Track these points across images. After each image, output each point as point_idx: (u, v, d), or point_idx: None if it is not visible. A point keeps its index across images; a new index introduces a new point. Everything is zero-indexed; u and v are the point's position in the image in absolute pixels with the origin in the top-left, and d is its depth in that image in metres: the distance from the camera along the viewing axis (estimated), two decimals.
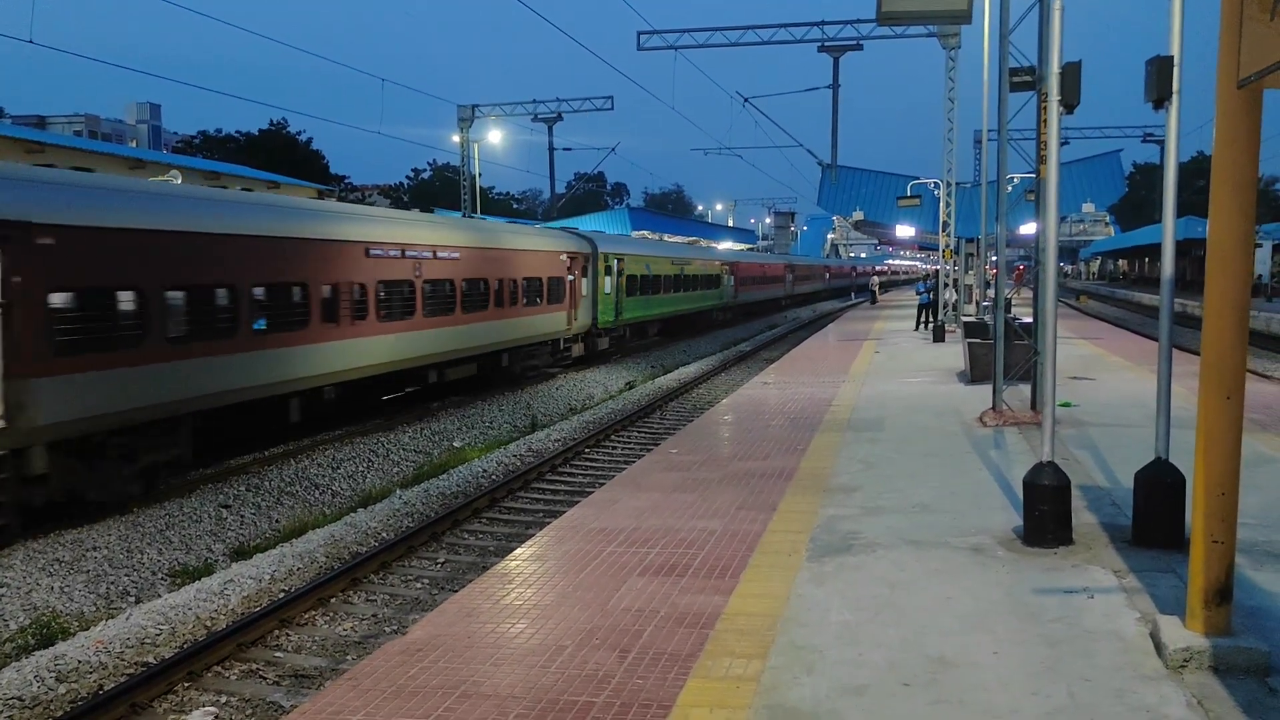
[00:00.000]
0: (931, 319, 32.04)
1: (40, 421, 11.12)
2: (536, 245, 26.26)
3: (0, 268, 10.67)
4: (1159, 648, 5.66)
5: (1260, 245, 48.74)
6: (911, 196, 38.06)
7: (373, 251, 18.10)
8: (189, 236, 13.57)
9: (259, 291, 14.98)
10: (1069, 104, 8.26)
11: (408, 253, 19.28)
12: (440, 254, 20.60)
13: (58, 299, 11.45)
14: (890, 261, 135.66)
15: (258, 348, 14.91)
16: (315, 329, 16.33)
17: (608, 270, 31.14)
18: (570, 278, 28.07)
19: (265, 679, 8.03)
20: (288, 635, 8.91)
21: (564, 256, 27.78)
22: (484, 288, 22.61)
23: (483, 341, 22.62)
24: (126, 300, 12.48)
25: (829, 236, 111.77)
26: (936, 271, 35.34)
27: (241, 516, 13.04)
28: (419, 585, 10.39)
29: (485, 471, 15.42)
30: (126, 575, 10.74)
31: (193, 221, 13.75)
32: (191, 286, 13.62)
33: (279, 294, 15.48)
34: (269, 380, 15.30)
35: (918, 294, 36.03)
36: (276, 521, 13.08)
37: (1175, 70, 7.32)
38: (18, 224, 10.79)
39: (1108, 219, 68.53)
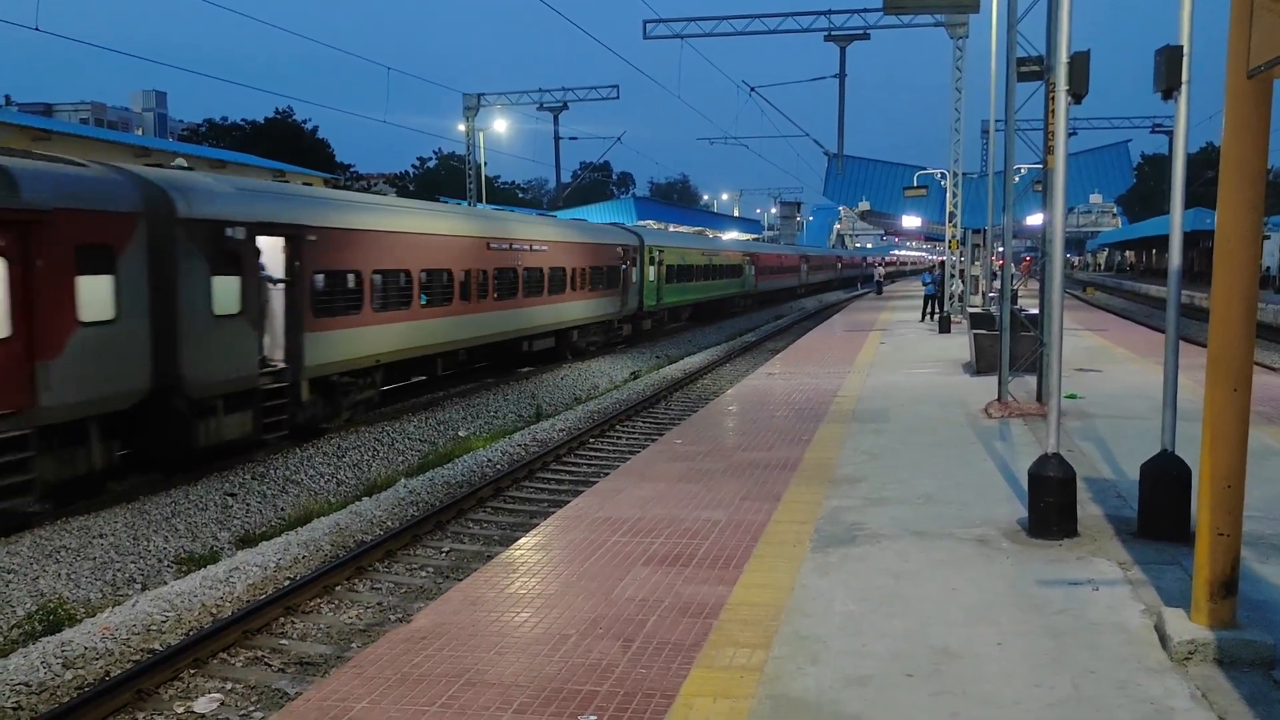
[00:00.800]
0: (937, 310, 32.00)
1: (306, 364, 15.76)
2: (600, 239, 30.90)
3: (286, 256, 15.29)
4: (1164, 640, 5.65)
5: (1269, 237, 48.56)
6: (918, 187, 37.97)
7: (491, 245, 22.90)
8: (385, 234, 18.28)
9: (423, 275, 19.69)
10: (1077, 94, 8.23)
11: (513, 245, 24.18)
12: (534, 247, 25.43)
13: (317, 279, 16.04)
14: (897, 252, 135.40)
15: (422, 318, 19.76)
16: (456, 304, 21.18)
17: (651, 260, 35.15)
18: (624, 266, 32.32)
19: (271, 666, 8.06)
20: (293, 623, 8.94)
21: (619, 248, 32.07)
22: (563, 275, 27.32)
23: (561, 319, 27.35)
24: (351, 280, 17.14)
25: (835, 227, 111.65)
26: (942, 263, 35.27)
27: (247, 505, 13.08)
28: (424, 574, 10.41)
29: (490, 461, 15.44)
30: (133, 562, 10.78)
31: (386, 223, 18.54)
32: (385, 271, 18.27)
33: (434, 277, 20.25)
34: (428, 343, 20.07)
35: (923, 284, 35.93)
36: (282, 510, 13.11)
37: (1185, 60, 7.27)
38: (298, 226, 15.46)
39: (1115, 210, 68.31)
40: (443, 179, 78.92)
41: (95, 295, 11.85)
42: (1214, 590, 5.55)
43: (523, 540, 8.23)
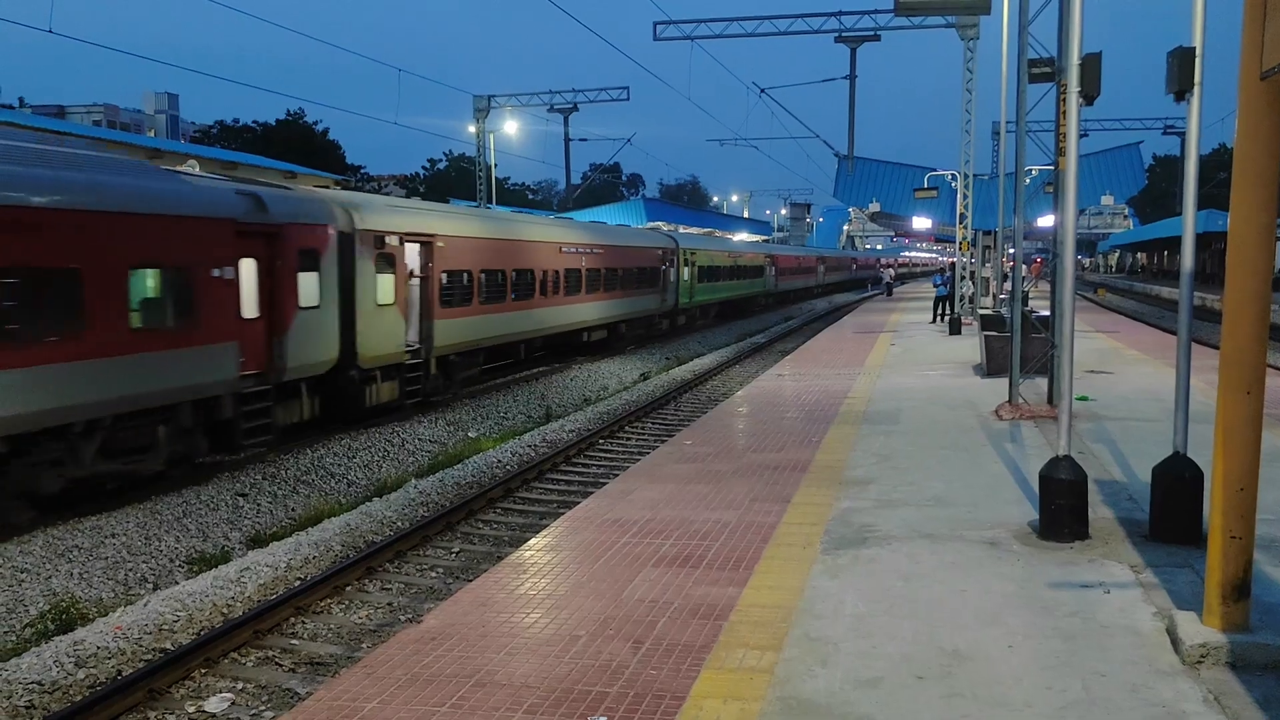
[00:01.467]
0: (948, 311, 31.94)
1: (435, 344, 19.69)
2: (644, 243, 35.23)
3: (421, 258, 19.24)
4: (1175, 643, 5.63)
5: None
6: (928, 188, 37.85)
7: (563, 249, 26.89)
8: (489, 240, 22.55)
9: (514, 274, 23.58)
10: (1089, 95, 8.18)
11: (578, 249, 28.14)
12: (594, 250, 29.33)
13: (443, 276, 19.88)
14: (907, 254, 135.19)
15: (514, 309, 23.67)
16: (537, 299, 25.03)
17: (685, 262, 38.95)
18: (664, 268, 36.30)
19: (281, 666, 8.09)
20: (304, 623, 8.97)
21: (659, 251, 36.12)
22: (616, 275, 31.16)
23: (614, 314, 31.23)
24: (465, 278, 21.06)
25: (845, 228, 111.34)
26: (952, 264, 35.23)
27: (258, 505, 13.13)
28: (434, 574, 10.43)
29: (500, 462, 15.46)
30: (144, 562, 10.83)
31: (490, 231, 22.89)
32: (489, 270, 22.22)
33: (522, 276, 24.14)
34: (518, 330, 24.12)
35: (935, 286, 35.91)
36: (293, 510, 13.16)
37: (1197, 62, 7.24)
38: (430, 234, 19.52)
39: (1126, 212, 68.03)
40: (453, 180, 78.94)
41: (308, 287, 15.63)
42: (1226, 593, 5.52)
43: (533, 541, 8.24)
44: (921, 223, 46.33)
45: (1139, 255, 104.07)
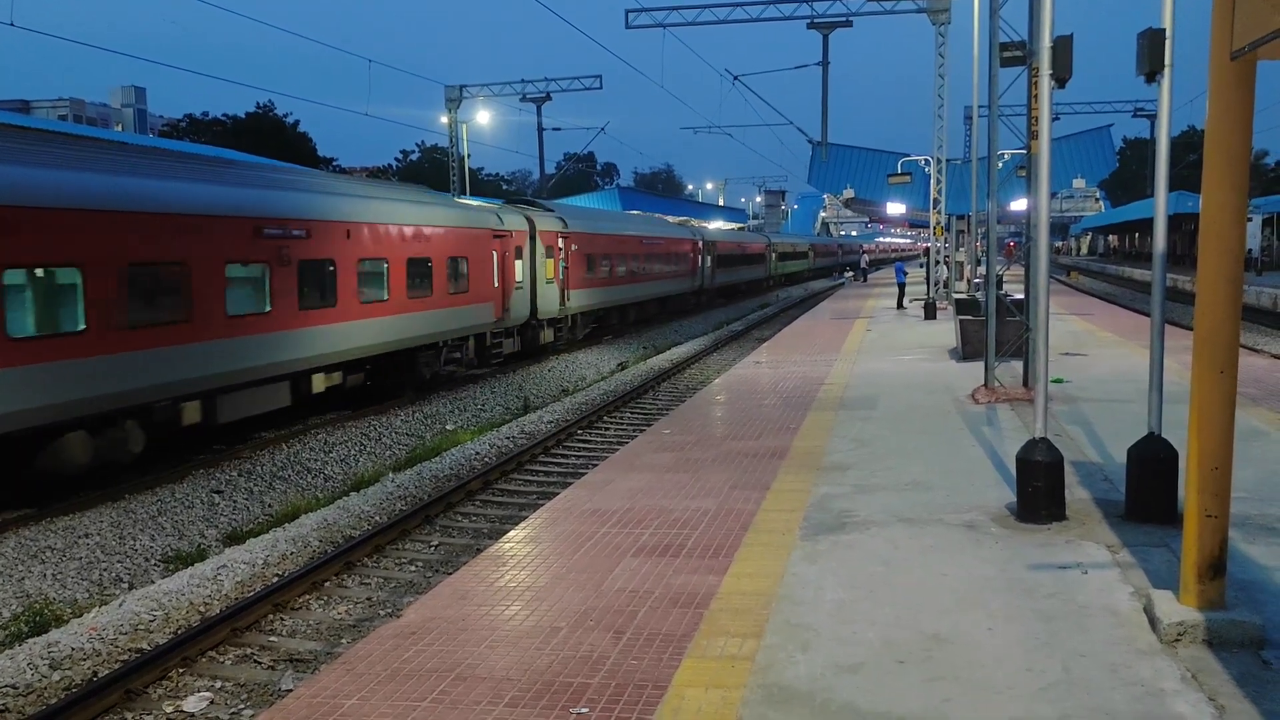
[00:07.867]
0: (901, 296, 34.94)
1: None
2: (757, 240, 62.42)
3: (710, 255, 48.97)
4: (1153, 622, 5.67)
5: (1251, 219, 48.74)
6: (902, 173, 38.03)
7: (741, 244, 57.99)
8: (722, 243, 52.44)
9: (724, 255, 51.98)
10: (1060, 78, 8.20)
11: (743, 244, 59.16)
12: (756, 244, 61.82)
13: (717, 258, 51.21)
14: (885, 239, 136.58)
15: (733, 270, 54.44)
16: (741, 269, 56.54)
17: (773, 250, 64.39)
18: (765, 254, 61.92)
19: (260, 663, 8.02)
20: (282, 619, 8.89)
21: (764, 245, 62.23)
22: (751, 257, 58.98)
23: (749, 277, 58.89)
24: (733, 257, 54.60)
25: (820, 215, 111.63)
26: (926, 249, 36.11)
27: (234, 501, 13.01)
28: (412, 568, 10.37)
29: (478, 454, 15.39)
30: (119, 562, 10.71)
31: (722, 238, 54.02)
32: (726, 254, 52.31)
33: (736, 258, 54.89)
34: (732, 281, 55.00)
35: (897, 273, 37.11)
36: (269, 506, 13.05)
37: (1167, 43, 7.27)
38: (713, 242, 50.76)
39: (1098, 194, 68.45)
40: (426, 171, 78.40)
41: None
42: (1202, 572, 5.57)
43: (512, 533, 8.20)
44: (895, 208, 46.54)
45: (1111, 238, 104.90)
